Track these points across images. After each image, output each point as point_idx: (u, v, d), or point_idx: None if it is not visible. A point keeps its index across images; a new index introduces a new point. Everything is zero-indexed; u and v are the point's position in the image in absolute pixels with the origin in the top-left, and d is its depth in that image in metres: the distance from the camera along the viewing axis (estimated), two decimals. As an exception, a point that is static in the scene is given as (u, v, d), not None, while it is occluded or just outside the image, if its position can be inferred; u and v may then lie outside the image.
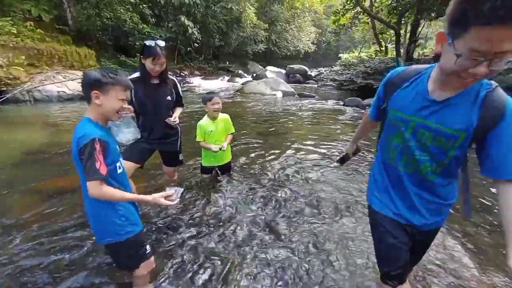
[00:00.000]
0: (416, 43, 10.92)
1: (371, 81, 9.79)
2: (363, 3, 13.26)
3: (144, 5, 13.41)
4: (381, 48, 15.89)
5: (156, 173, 3.14)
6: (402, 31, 12.11)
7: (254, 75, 18.10)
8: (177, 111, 2.36)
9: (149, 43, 1.99)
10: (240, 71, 19.63)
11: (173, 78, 2.31)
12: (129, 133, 2.09)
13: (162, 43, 2.02)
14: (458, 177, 1.08)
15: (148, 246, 1.43)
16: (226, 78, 17.34)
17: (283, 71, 18.57)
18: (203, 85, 14.27)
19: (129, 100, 1.35)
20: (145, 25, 13.34)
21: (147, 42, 2.01)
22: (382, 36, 15.48)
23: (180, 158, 2.58)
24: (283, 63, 24.47)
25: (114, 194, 1.19)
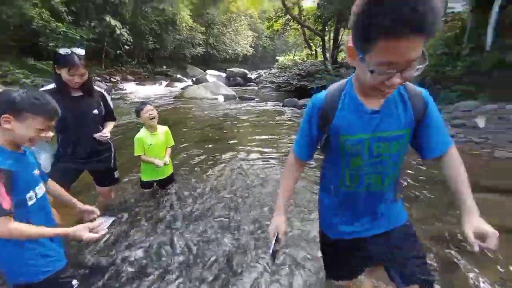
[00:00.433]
0: (339, 49, 12.27)
1: (305, 82, 10.58)
2: (293, 11, 14.32)
3: (55, 1, 11.61)
4: (312, 52, 17.35)
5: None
6: (327, 38, 13.46)
7: (194, 79, 17.64)
8: (109, 125, 2.15)
9: (64, 51, 1.77)
10: (179, 75, 18.90)
11: (100, 90, 2.10)
12: (45, 160, 1.82)
13: (81, 52, 1.81)
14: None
15: (75, 281, 1.26)
16: (164, 83, 16.43)
17: (223, 74, 18.55)
18: (138, 91, 13.26)
19: (53, 127, 1.18)
20: (59, 24, 11.56)
21: (61, 51, 1.77)
22: (312, 41, 16.94)
23: (116, 176, 2.34)
24: (222, 66, 24.41)
25: (23, 231, 1.03)
